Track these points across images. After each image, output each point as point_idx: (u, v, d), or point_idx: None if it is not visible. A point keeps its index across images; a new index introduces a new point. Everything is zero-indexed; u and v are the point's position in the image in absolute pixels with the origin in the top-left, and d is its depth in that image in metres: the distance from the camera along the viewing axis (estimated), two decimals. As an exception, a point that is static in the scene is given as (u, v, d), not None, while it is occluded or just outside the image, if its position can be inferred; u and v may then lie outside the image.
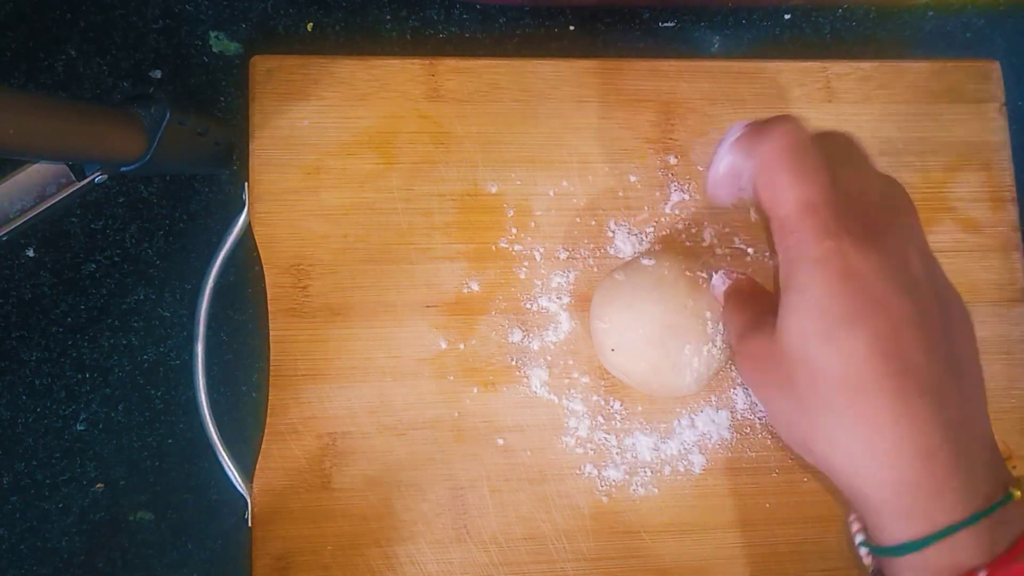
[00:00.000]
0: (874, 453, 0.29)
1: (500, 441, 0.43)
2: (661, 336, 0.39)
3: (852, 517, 0.33)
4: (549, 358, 0.44)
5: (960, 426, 0.29)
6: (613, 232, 0.45)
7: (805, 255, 0.30)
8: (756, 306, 0.36)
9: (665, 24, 0.49)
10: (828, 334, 0.29)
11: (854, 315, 0.29)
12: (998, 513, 0.29)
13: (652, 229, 0.45)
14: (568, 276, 0.45)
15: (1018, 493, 0.30)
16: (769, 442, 0.44)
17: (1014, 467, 0.32)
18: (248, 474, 0.42)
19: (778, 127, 0.31)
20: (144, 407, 0.44)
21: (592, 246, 0.45)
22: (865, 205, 0.31)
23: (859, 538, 0.33)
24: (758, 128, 0.32)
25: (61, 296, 0.45)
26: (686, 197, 0.46)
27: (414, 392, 0.43)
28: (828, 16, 0.50)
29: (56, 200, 0.38)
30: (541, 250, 0.45)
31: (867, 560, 0.33)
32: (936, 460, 0.29)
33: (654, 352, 0.40)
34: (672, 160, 0.46)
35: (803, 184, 0.30)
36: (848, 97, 0.47)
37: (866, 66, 0.48)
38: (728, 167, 0.33)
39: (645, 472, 0.44)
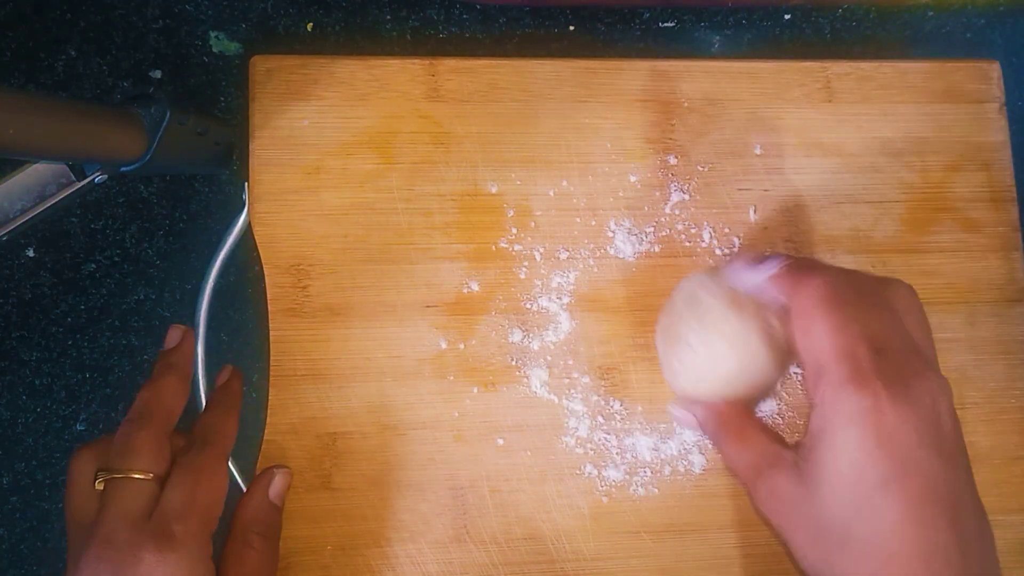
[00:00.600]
0: None
1: (500, 441, 0.43)
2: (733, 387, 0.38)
3: None
4: (549, 358, 0.44)
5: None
6: (613, 232, 0.45)
7: (842, 409, 0.31)
8: (758, 437, 0.35)
9: (665, 24, 0.49)
10: (866, 497, 0.31)
11: (890, 480, 0.30)
12: None
13: (652, 229, 0.45)
14: (568, 276, 0.45)
15: None
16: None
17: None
18: (248, 474, 0.42)
19: (816, 277, 0.34)
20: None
21: (592, 246, 0.45)
22: (896, 353, 0.32)
23: None
24: (796, 273, 0.34)
25: (61, 296, 0.45)
26: (686, 197, 0.46)
27: (414, 392, 0.43)
28: (828, 16, 0.50)
29: (56, 200, 0.38)
30: (541, 250, 0.45)
31: None
32: None
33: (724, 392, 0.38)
34: (672, 160, 0.46)
35: (840, 335, 0.32)
36: (848, 97, 0.47)
37: (866, 66, 0.48)
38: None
39: (645, 472, 0.44)
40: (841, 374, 0.31)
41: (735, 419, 0.37)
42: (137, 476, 0.35)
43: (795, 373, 0.45)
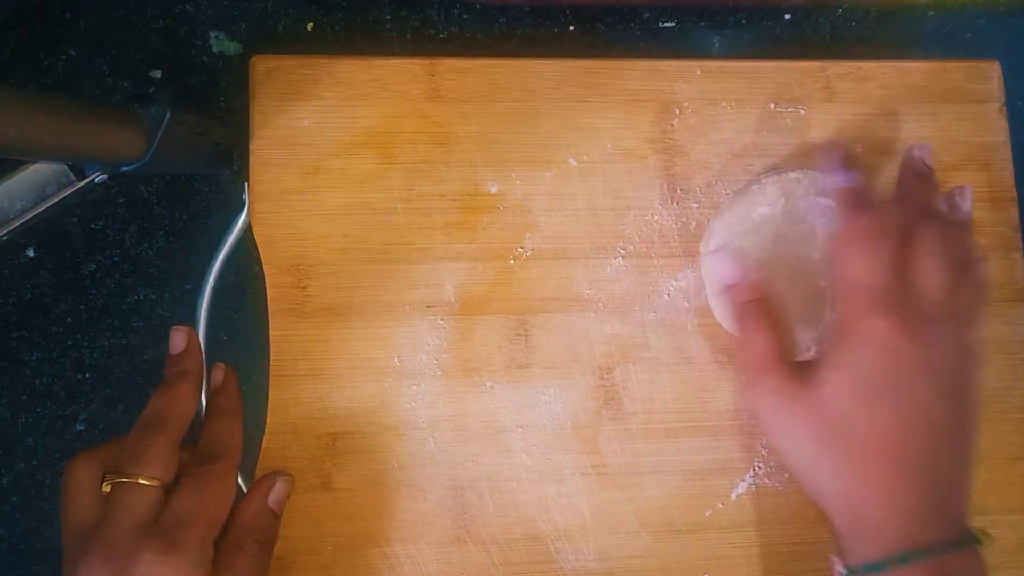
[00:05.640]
0: (874, 502, 0.36)
1: (500, 441, 0.43)
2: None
3: (833, 557, 0.38)
4: (549, 358, 0.44)
5: (943, 494, 0.36)
6: (613, 232, 0.45)
7: (862, 329, 0.36)
8: (778, 330, 0.39)
9: (665, 24, 0.49)
10: (865, 402, 0.36)
11: (887, 393, 0.36)
12: (951, 557, 0.34)
13: (651, 229, 0.45)
14: (568, 276, 0.45)
15: (979, 542, 0.36)
16: (767, 442, 0.44)
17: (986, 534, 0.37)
18: (248, 474, 0.42)
19: (864, 211, 0.38)
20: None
21: (591, 246, 0.45)
22: (924, 300, 0.37)
23: (840, 569, 0.37)
24: (851, 202, 0.39)
25: (61, 296, 0.45)
26: (686, 197, 0.46)
27: (414, 392, 0.43)
28: (828, 16, 0.50)
29: (56, 200, 0.38)
30: (541, 250, 0.45)
31: None
32: (919, 516, 0.35)
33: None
34: (672, 160, 0.46)
35: (871, 261, 0.37)
36: (848, 97, 0.47)
37: (866, 66, 0.48)
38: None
39: (645, 471, 0.44)
40: (871, 301, 0.36)
41: (767, 306, 0.40)
42: (144, 482, 0.35)
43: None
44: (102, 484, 0.36)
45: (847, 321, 0.37)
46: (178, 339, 0.41)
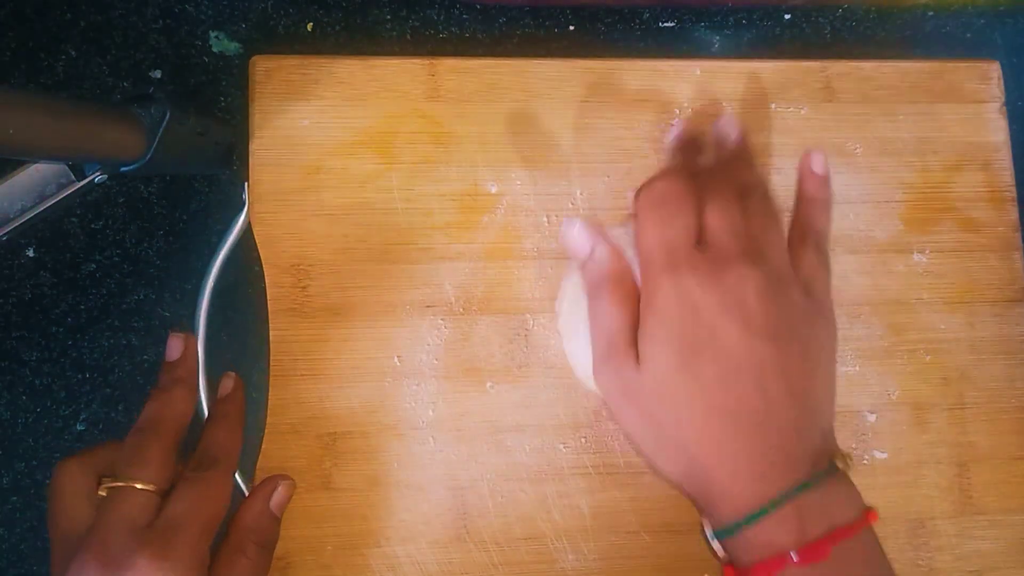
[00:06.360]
0: (716, 466, 0.34)
1: (500, 441, 0.43)
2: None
3: (703, 521, 0.36)
4: (549, 358, 0.44)
5: (788, 435, 0.34)
6: (613, 232, 0.45)
7: (655, 297, 0.34)
8: (629, 309, 0.36)
9: (665, 24, 0.49)
10: (683, 365, 0.34)
11: (700, 345, 0.34)
12: (807, 497, 0.33)
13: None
14: (568, 276, 0.45)
15: (837, 470, 0.34)
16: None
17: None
18: (248, 474, 0.42)
19: (652, 183, 0.37)
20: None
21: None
22: (716, 246, 0.35)
23: (708, 531, 0.36)
24: (644, 185, 0.37)
25: (61, 296, 0.45)
26: (686, 197, 0.46)
27: (414, 392, 0.43)
28: (828, 16, 0.50)
29: (56, 200, 0.38)
30: (541, 250, 0.45)
31: (719, 551, 0.36)
32: (762, 468, 0.33)
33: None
34: (672, 160, 0.46)
35: (660, 228, 0.35)
36: (848, 97, 0.47)
37: (866, 66, 0.48)
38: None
39: (646, 472, 0.44)
40: (659, 265, 0.35)
41: (625, 280, 0.36)
42: (140, 486, 0.35)
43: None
44: (97, 488, 0.36)
45: (645, 290, 0.35)
46: (175, 346, 0.41)
